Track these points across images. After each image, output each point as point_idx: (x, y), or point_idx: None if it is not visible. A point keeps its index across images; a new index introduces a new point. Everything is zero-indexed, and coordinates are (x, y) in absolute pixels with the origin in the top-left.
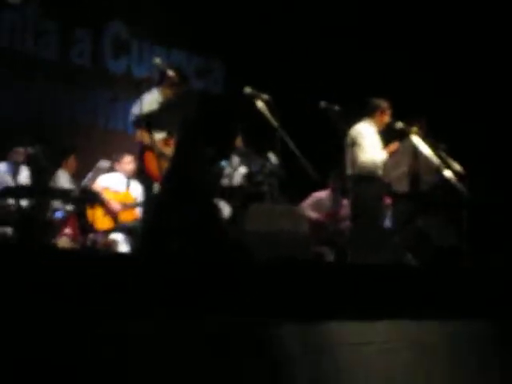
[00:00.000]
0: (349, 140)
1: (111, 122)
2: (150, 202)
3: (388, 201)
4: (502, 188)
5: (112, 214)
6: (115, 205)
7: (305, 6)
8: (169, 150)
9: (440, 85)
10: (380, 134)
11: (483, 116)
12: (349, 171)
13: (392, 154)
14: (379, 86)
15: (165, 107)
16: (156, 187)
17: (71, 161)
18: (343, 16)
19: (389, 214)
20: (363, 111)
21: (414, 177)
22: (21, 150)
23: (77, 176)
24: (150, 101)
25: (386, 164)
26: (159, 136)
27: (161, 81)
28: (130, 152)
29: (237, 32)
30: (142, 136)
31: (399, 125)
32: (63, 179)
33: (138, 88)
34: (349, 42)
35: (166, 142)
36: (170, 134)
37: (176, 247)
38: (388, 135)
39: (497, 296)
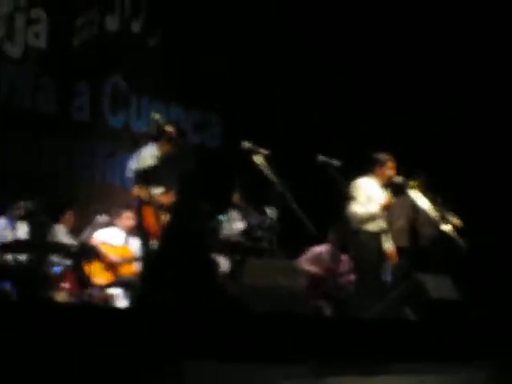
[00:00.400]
0: (348, 194)
1: (109, 176)
2: (147, 256)
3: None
4: (501, 241)
5: (111, 266)
6: (114, 257)
7: (303, 60)
8: (166, 201)
9: (440, 139)
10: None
11: (482, 169)
12: (348, 225)
13: (386, 208)
14: (380, 140)
15: (162, 162)
16: (153, 242)
17: (69, 215)
18: (343, 71)
19: (389, 267)
20: (365, 166)
21: (413, 231)
22: (20, 204)
23: (74, 230)
24: (148, 156)
25: (385, 218)
26: (157, 191)
27: (158, 136)
28: (127, 207)
29: (234, 87)
30: (140, 191)
31: (398, 179)
32: (61, 233)
33: (137, 143)
34: (348, 97)
35: (164, 194)
36: (167, 189)
37: (173, 301)
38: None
39: (494, 349)
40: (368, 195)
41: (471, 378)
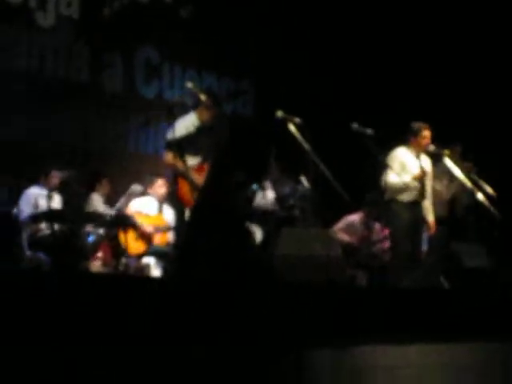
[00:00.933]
0: (383, 163)
1: (142, 146)
2: (182, 226)
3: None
4: None
5: (145, 236)
6: (148, 227)
7: (339, 27)
8: (200, 179)
9: (475, 110)
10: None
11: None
12: (382, 194)
13: (420, 179)
14: (416, 109)
15: (198, 131)
16: (188, 212)
17: (105, 184)
18: (380, 39)
19: (425, 236)
20: (401, 135)
21: (451, 200)
22: (56, 173)
23: (110, 199)
24: (187, 124)
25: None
26: (193, 162)
27: (196, 104)
28: (161, 175)
29: (267, 54)
30: (175, 161)
31: (431, 148)
32: (97, 202)
33: (171, 112)
34: (383, 65)
35: (198, 169)
36: (204, 159)
37: (207, 272)
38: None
39: None
40: (403, 165)
41: (504, 346)
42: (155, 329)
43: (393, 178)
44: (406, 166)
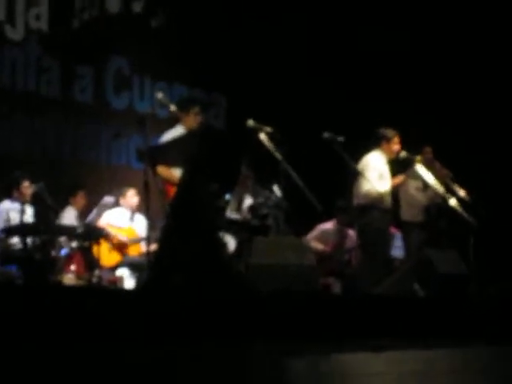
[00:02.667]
0: (357, 170)
1: (114, 157)
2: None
3: (393, 230)
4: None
5: (119, 247)
6: (122, 238)
7: (307, 38)
8: None
9: (447, 113)
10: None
11: (490, 142)
12: (355, 201)
13: (398, 186)
14: (386, 115)
15: (172, 143)
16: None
17: (80, 197)
18: (347, 47)
19: (397, 243)
20: (370, 142)
21: (425, 206)
22: (28, 186)
23: (84, 213)
24: (175, 136)
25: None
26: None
27: (181, 114)
28: (133, 186)
29: (237, 65)
30: (163, 171)
31: (403, 154)
32: (70, 215)
33: (141, 123)
34: (352, 73)
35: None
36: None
37: (180, 282)
38: (396, 165)
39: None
40: (380, 172)
41: (479, 353)
42: (129, 339)
43: (372, 186)
44: (383, 173)
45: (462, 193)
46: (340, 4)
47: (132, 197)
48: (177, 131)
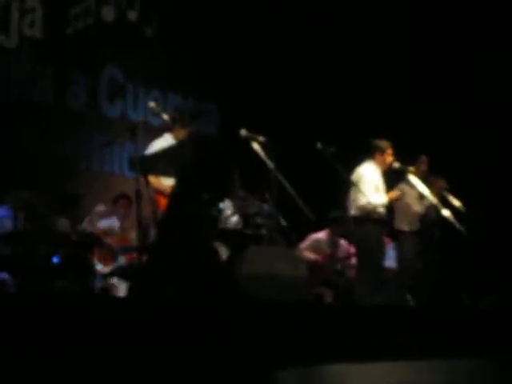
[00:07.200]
0: (351, 181)
1: (107, 165)
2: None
3: (387, 240)
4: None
5: (111, 255)
6: (113, 246)
7: (300, 46)
8: None
9: (441, 122)
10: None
11: (485, 151)
12: (350, 212)
13: (394, 201)
14: (380, 126)
15: (162, 153)
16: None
17: (75, 209)
18: (341, 54)
19: (391, 254)
20: (364, 153)
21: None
22: (21, 193)
23: (78, 221)
24: (164, 145)
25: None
26: (168, 182)
27: (172, 124)
28: (126, 194)
29: (231, 74)
30: (155, 181)
31: (396, 165)
32: (64, 225)
33: (132, 132)
34: (346, 82)
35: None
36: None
37: (173, 292)
38: (389, 175)
39: (494, 334)
40: (375, 185)
41: (470, 362)
42: (121, 349)
43: (368, 199)
44: (378, 186)
45: (457, 204)
46: (336, 9)
47: (123, 206)
48: (165, 140)
